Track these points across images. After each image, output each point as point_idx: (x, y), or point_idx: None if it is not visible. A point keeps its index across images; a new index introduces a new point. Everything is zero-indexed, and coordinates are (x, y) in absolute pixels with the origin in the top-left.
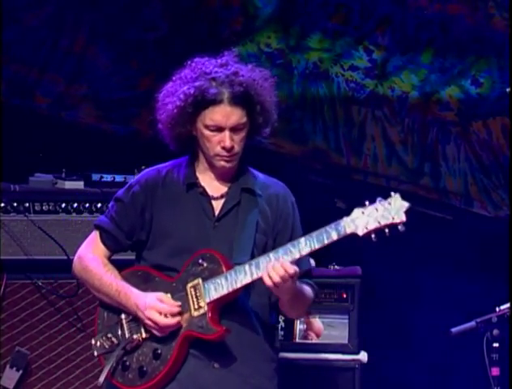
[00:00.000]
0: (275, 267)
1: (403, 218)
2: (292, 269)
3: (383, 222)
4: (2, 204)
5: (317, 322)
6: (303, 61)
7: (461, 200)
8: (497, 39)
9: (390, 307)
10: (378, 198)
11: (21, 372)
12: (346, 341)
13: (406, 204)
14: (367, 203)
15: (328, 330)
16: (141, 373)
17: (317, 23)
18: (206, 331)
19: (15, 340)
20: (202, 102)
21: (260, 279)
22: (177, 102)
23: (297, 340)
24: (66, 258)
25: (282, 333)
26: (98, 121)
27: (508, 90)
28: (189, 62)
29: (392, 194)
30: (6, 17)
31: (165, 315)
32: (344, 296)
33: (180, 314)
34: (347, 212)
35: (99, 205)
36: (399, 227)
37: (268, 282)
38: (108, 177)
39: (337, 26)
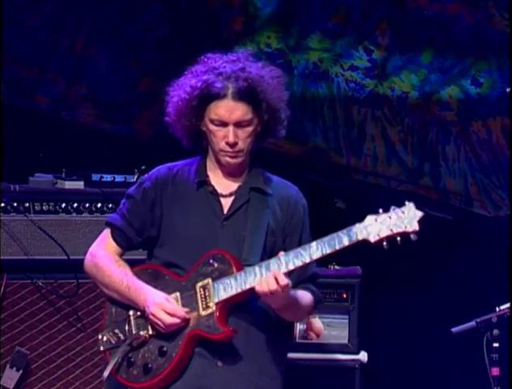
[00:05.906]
0: (267, 276)
1: (416, 227)
2: (285, 281)
3: (396, 230)
4: (2, 204)
5: (317, 322)
6: (303, 61)
7: (461, 200)
8: (497, 39)
9: (390, 307)
10: (392, 207)
11: (21, 372)
12: (346, 341)
13: (420, 213)
14: (380, 210)
15: (328, 330)
16: (146, 369)
17: (317, 23)
18: (213, 330)
19: (15, 340)
20: (207, 96)
21: None
22: (182, 94)
23: (297, 340)
24: (66, 258)
25: None
26: (98, 121)
27: (508, 90)
28: (202, 58)
29: (406, 202)
30: (6, 17)
31: (170, 315)
32: (344, 296)
33: (187, 313)
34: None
35: (99, 205)
36: (412, 236)
37: (258, 289)
38: (108, 177)
39: (337, 26)
